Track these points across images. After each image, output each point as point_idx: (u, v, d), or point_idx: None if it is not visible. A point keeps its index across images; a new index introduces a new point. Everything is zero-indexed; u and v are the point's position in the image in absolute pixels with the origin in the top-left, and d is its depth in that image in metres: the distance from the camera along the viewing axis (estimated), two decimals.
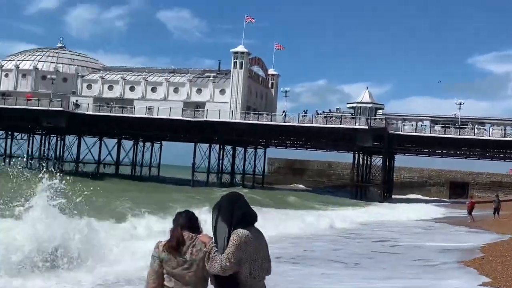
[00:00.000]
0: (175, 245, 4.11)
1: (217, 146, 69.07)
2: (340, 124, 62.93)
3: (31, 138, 77.69)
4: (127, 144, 77.75)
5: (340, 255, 17.01)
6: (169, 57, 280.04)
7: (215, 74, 71.94)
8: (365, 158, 69.12)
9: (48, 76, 70.98)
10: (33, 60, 75.22)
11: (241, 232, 4.02)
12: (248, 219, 4.14)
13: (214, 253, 4.04)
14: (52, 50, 78.53)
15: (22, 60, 75.70)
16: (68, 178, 13.44)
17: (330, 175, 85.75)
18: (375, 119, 63.37)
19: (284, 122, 65.30)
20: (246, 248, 4.00)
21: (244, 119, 65.90)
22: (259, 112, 67.70)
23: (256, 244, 4.09)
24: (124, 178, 67.62)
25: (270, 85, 78.30)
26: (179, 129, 67.46)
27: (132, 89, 72.25)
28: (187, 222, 4.25)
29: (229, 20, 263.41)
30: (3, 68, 74.82)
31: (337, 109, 72.07)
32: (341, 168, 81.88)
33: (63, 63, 75.51)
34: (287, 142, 73.03)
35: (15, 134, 79.63)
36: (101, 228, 14.93)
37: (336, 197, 59.72)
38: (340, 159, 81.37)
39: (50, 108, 66.21)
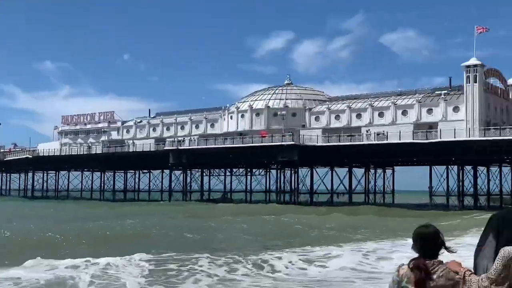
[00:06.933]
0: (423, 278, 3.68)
1: (455, 168, 64.21)
2: None
3: (267, 173, 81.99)
4: (358, 172, 76.70)
5: None
6: (396, 80, 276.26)
7: (446, 91, 67.46)
8: None
9: (279, 113, 74.32)
10: (264, 99, 79.69)
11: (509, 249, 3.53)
12: None
13: (469, 276, 3.65)
14: (281, 88, 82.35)
15: (255, 100, 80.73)
16: None
17: None
18: None
19: None
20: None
21: (484, 136, 59.93)
22: (501, 127, 60.95)
23: None
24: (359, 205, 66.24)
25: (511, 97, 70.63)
26: (411, 152, 64.18)
27: (358, 116, 71.62)
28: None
29: (458, 34, 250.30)
30: (239, 109, 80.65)
31: None
32: None
33: (291, 99, 78.45)
34: None
35: (253, 170, 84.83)
36: None
37: None
38: None
39: (283, 143, 68.63)
